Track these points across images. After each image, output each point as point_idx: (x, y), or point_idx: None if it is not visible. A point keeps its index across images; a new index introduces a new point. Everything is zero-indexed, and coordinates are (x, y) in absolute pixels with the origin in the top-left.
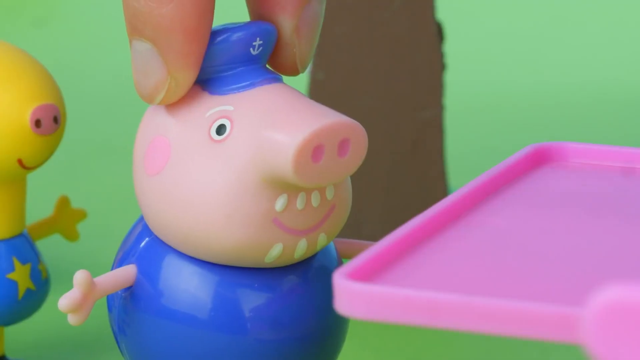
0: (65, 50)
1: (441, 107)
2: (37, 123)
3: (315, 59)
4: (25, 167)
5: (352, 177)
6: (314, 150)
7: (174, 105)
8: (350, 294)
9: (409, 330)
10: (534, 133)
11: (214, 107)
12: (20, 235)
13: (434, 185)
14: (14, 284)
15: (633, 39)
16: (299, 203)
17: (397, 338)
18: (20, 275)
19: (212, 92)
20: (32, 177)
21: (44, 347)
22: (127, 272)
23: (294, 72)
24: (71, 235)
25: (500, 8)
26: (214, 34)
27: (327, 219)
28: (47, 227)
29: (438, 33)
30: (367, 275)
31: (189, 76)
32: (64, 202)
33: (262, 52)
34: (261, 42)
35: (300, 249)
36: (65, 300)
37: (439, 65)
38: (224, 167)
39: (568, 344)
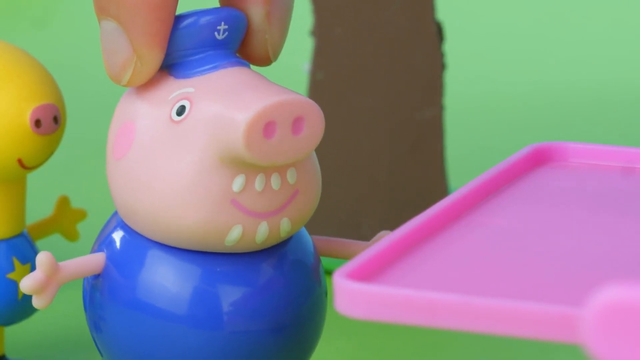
0: (65, 50)
1: (441, 107)
2: (37, 123)
3: (315, 59)
4: (25, 167)
5: (352, 176)
6: (265, 126)
7: (141, 89)
8: (350, 294)
9: (409, 330)
10: (534, 133)
11: (176, 90)
12: (20, 235)
13: (434, 185)
14: (14, 284)
15: (633, 39)
16: (258, 184)
17: (397, 338)
18: (20, 275)
19: (177, 76)
20: (32, 177)
21: (44, 347)
22: (95, 259)
23: (266, 60)
24: (71, 235)
25: (500, 8)
26: (180, 18)
27: (289, 204)
28: (47, 227)
29: (438, 33)
30: (366, 275)
31: (154, 55)
32: (64, 202)
33: (228, 37)
34: (226, 26)
35: (262, 233)
36: (27, 281)
37: (439, 65)
38: (182, 147)
39: (568, 344)
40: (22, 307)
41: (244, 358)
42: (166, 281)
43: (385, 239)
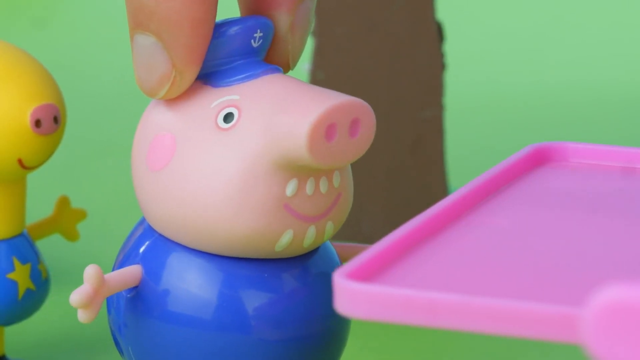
0: (65, 50)
1: (441, 107)
2: (37, 123)
3: (315, 59)
4: (25, 167)
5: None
6: (327, 129)
7: (175, 101)
8: (350, 294)
9: (409, 330)
10: (534, 133)
11: (218, 98)
12: (20, 235)
13: (434, 185)
14: (14, 284)
15: (633, 39)
16: (309, 188)
17: (397, 338)
18: (20, 275)
19: (214, 85)
20: (32, 177)
21: (44, 347)
22: (134, 272)
23: (286, 67)
24: (71, 235)
25: (500, 8)
26: (216, 27)
27: (334, 207)
28: (47, 227)
29: (438, 33)
30: (367, 275)
31: (193, 70)
32: (64, 202)
33: (261, 45)
34: (261, 34)
35: (309, 237)
36: (76, 296)
37: (439, 65)
38: (233, 154)
39: (568, 344)
40: (22, 307)
41: None
42: (198, 289)
43: (386, 239)
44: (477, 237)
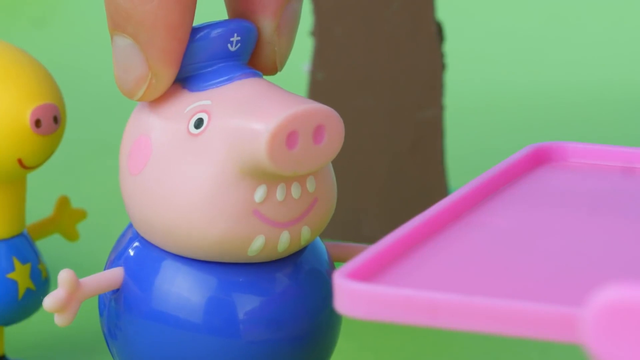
0: (65, 50)
1: (441, 107)
2: (37, 123)
3: (315, 59)
4: (25, 167)
5: (351, 177)
6: (288, 136)
7: (155, 104)
8: (350, 294)
9: (409, 330)
10: (534, 133)
11: (192, 103)
12: (20, 235)
13: (434, 185)
14: (14, 283)
15: (633, 39)
16: (279, 194)
17: (397, 338)
18: (20, 275)
19: (191, 89)
20: (32, 177)
21: (44, 347)
22: (114, 275)
23: (273, 70)
24: (71, 235)
25: (500, 8)
26: (193, 31)
27: (309, 212)
28: (47, 227)
29: (438, 33)
30: (367, 275)
31: (169, 73)
32: (64, 202)
33: (240, 49)
34: (239, 38)
35: (283, 242)
36: (49, 300)
37: (439, 65)
38: (202, 160)
39: (568, 344)
40: (22, 307)
41: None
42: (184, 291)
43: (386, 239)
44: (477, 237)
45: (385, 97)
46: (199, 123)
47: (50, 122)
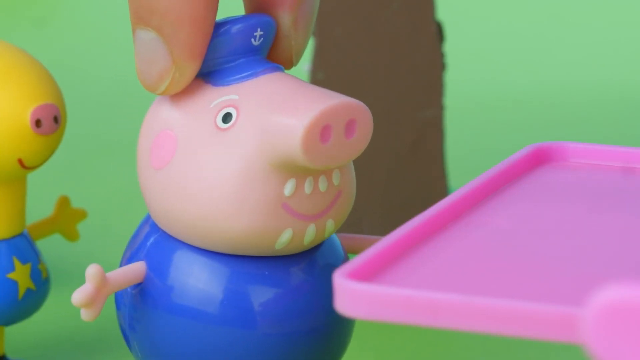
0: (65, 50)
1: (441, 107)
2: (37, 123)
3: (315, 59)
4: (25, 167)
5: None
6: (322, 131)
7: (177, 99)
8: (350, 294)
9: (409, 330)
10: (534, 133)
11: (218, 98)
12: (21, 235)
13: (434, 185)
14: (14, 283)
15: (633, 39)
16: (307, 187)
17: (397, 338)
18: (20, 275)
19: (215, 84)
20: (32, 177)
21: (44, 347)
22: (137, 269)
23: (289, 64)
24: (71, 235)
25: (500, 8)
26: (216, 26)
27: (334, 205)
28: (47, 227)
29: (438, 33)
30: (367, 275)
31: (193, 67)
32: (64, 202)
33: (262, 44)
34: (262, 32)
35: (310, 235)
36: (78, 294)
37: (439, 65)
38: (232, 154)
39: (568, 344)
40: (22, 307)
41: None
42: (204, 284)
43: (386, 239)
44: (477, 236)
45: (386, 97)
46: (227, 117)
47: (50, 122)
